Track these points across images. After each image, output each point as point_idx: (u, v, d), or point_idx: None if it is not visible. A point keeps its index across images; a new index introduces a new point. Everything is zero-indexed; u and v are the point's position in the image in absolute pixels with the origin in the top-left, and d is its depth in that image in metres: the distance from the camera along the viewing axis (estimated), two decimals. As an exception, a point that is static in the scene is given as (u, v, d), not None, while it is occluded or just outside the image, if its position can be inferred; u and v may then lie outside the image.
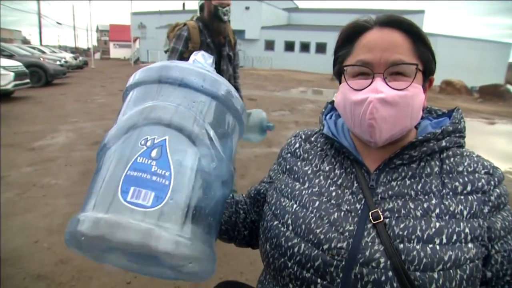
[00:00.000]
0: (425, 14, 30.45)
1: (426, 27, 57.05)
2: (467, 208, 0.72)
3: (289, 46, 31.81)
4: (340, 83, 0.84)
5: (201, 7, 4.54)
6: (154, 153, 0.61)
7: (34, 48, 16.26)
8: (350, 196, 0.77)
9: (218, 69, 2.72)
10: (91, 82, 13.09)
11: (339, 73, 0.83)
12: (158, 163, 0.60)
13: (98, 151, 0.69)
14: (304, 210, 0.78)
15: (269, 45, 32.53)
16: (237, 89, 2.80)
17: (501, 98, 13.91)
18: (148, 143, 0.62)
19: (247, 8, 29.34)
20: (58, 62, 12.45)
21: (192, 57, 0.85)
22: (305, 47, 31.09)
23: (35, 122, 6.38)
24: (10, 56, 10.78)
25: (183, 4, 44.34)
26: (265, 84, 14.52)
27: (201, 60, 0.83)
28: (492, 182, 0.75)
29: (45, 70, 11.66)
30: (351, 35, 0.80)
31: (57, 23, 43.00)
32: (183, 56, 2.54)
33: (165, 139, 0.63)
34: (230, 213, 0.94)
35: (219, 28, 2.63)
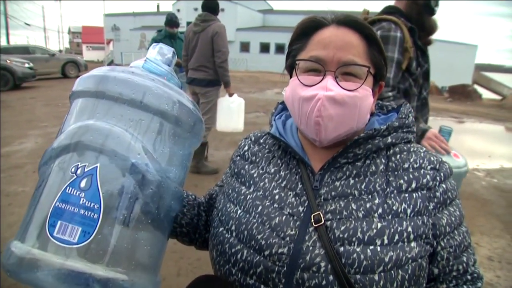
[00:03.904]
0: (396, 16, 31.11)
1: (398, 29, 58.05)
2: (411, 206, 0.72)
3: (265, 48, 31.87)
4: (291, 77, 0.82)
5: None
6: (83, 183, 0.57)
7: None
8: (294, 199, 0.76)
9: (428, 82, 1.98)
10: (63, 85, 12.73)
11: (291, 67, 0.82)
12: (87, 195, 0.57)
13: (38, 166, 0.66)
14: (247, 215, 0.77)
15: (244, 47, 32.51)
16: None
17: (469, 97, 14.37)
18: (79, 171, 0.58)
19: (222, 10, 29.14)
20: (26, 65, 12.02)
21: (148, 51, 0.76)
22: (280, 48, 31.18)
23: (2, 128, 6.14)
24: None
25: (158, 6, 43.86)
26: (240, 86, 14.51)
27: (158, 58, 0.74)
28: (438, 178, 0.75)
29: (12, 73, 11.25)
30: (307, 30, 0.79)
31: (26, 24, 41.70)
32: (401, 67, 1.77)
33: (96, 167, 0.58)
34: (192, 215, 0.92)
35: (431, 25, 1.88)
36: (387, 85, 1.73)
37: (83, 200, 0.56)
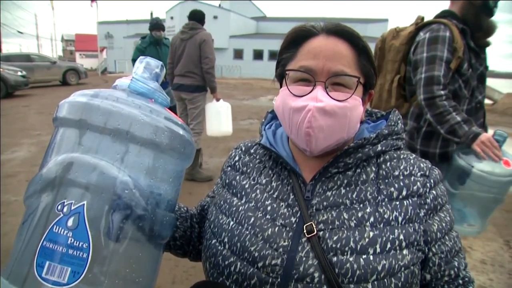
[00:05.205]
0: (388, 22, 31.44)
1: (390, 35, 58.33)
2: (402, 214, 0.72)
3: (258, 55, 31.96)
4: (281, 86, 0.82)
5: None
6: (70, 222, 0.55)
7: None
8: (286, 210, 0.76)
9: (483, 85, 1.93)
10: (56, 93, 12.68)
11: (281, 76, 0.82)
12: (75, 234, 0.55)
13: (24, 197, 0.63)
14: (240, 227, 0.77)
15: (238, 54, 32.59)
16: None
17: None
18: (65, 209, 0.56)
19: (215, 17, 29.33)
20: (19, 73, 11.98)
21: (134, 66, 0.71)
22: (274, 55, 31.27)
23: (-6, 136, 6.10)
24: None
25: (151, 13, 43.85)
26: (234, 93, 14.53)
27: (145, 74, 0.70)
28: (428, 184, 0.76)
29: (4, 81, 11.21)
30: (296, 39, 0.79)
31: (18, 32, 41.55)
32: (450, 67, 1.73)
33: (83, 204, 0.56)
34: (185, 228, 0.91)
35: (489, 26, 1.82)
36: (438, 83, 1.70)
37: (71, 240, 0.54)
